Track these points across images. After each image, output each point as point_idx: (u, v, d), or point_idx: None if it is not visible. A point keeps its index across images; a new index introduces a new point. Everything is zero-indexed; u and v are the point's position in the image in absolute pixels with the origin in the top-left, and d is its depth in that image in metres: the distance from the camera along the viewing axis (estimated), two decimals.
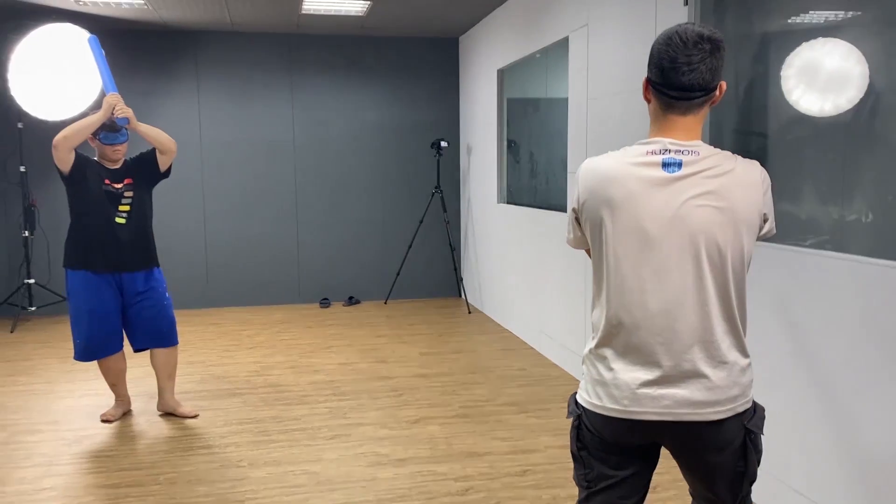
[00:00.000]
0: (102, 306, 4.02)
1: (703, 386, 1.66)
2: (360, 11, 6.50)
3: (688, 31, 1.63)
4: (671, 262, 1.65)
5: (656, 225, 1.65)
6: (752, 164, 1.71)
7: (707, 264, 1.65)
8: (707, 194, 1.64)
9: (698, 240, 1.64)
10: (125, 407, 4.32)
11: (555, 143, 5.67)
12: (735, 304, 1.69)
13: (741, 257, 1.68)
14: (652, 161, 1.67)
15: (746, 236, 1.67)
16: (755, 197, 1.68)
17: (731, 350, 1.69)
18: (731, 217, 1.65)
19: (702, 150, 1.67)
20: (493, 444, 3.81)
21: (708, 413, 1.67)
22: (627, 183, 1.67)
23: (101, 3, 6.05)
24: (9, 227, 7.05)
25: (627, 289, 1.68)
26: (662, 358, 1.67)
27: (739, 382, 1.70)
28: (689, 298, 1.65)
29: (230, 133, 7.45)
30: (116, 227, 3.99)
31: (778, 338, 2.99)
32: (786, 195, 3.20)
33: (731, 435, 1.71)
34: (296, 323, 6.82)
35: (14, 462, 3.62)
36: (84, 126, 3.89)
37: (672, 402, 1.67)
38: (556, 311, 5.35)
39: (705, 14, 3.56)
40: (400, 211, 7.89)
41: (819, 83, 3.02)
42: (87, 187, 3.96)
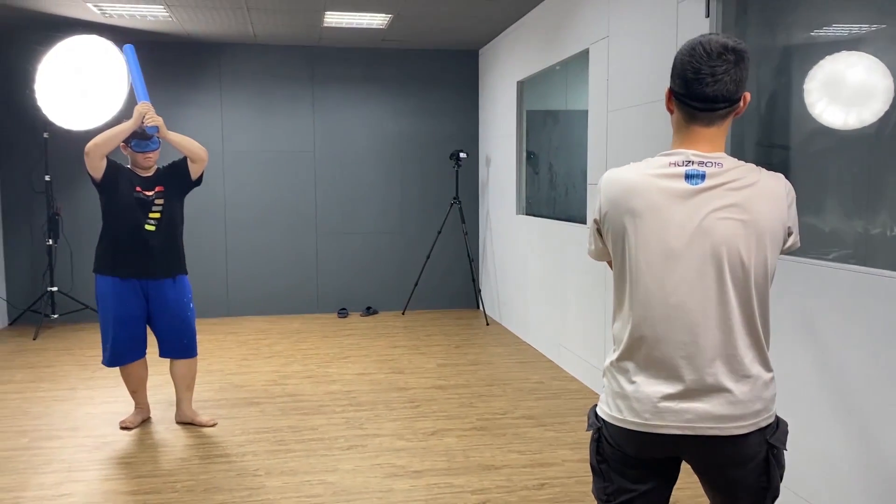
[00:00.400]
0: (127, 313, 4.05)
1: (725, 400, 1.64)
2: (381, 24, 6.55)
3: (712, 42, 1.62)
4: (694, 274, 1.63)
5: (679, 237, 1.63)
6: (777, 177, 1.69)
7: (730, 277, 1.63)
8: (730, 207, 1.62)
9: (721, 253, 1.62)
10: (144, 415, 4.34)
11: (574, 154, 5.65)
12: (758, 318, 1.66)
13: (765, 271, 1.65)
14: (675, 173, 1.65)
15: (770, 250, 1.65)
16: (779, 210, 1.66)
17: (754, 364, 1.66)
18: (754, 230, 1.63)
19: (725, 162, 1.66)
20: (511, 457, 3.78)
21: (730, 427, 1.65)
22: (650, 194, 1.65)
23: (127, 15, 6.14)
24: (33, 236, 7.14)
25: (649, 302, 1.66)
26: (685, 371, 1.65)
27: (762, 397, 1.67)
28: (711, 312, 1.63)
29: (252, 143, 7.51)
30: (146, 234, 4.02)
31: (801, 352, 2.95)
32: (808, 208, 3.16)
33: (754, 450, 1.69)
34: (314, 332, 6.84)
35: (34, 467, 3.65)
36: (115, 134, 3.94)
37: (694, 417, 1.65)
38: (574, 323, 5.32)
39: (727, 25, 3.54)
40: (418, 222, 7.90)
41: (843, 96, 2.99)
42: (119, 194, 4.01)
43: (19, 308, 7.10)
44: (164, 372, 4.93)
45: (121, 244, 4.03)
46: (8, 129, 7.05)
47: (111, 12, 6.05)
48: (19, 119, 6.94)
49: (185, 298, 4.18)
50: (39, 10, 5.98)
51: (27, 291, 7.18)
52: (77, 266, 7.17)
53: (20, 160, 7.05)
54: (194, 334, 4.24)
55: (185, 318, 4.17)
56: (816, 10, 3.18)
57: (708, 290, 1.63)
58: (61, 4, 5.82)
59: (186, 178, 4.17)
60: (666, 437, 1.68)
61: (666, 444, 1.70)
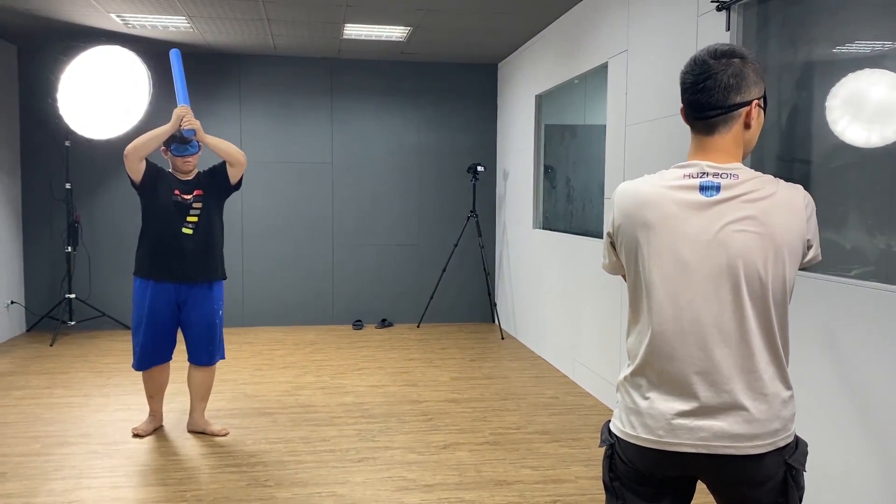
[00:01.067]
0: (159, 316, 4.08)
1: (742, 419, 1.59)
2: (401, 37, 6.57)
3: (704, 51, 1.65)
4: (709, 288, 1.59)
5: (694, 250, 1.59)
6: (795, 189, 1.65)
7: (746, 292, 1.58)
8: (747, 219, 1.58)
9: (737, 266, 1.58)
10: (157, 423, 4.33)
11: (592, 169, 5.62)
12: (777, 334, 1.61)
13: (783, 285, 1.61)
14: (689, 184, 1.62)
15: (789, 263, 1.61)
16: (797, 222, 1.61)
17: (772, 381, 1.61)
18: (771, 243, 1.58)
19: (741, 173, 1.62)
20: (523, 472, 3.73)
21: (747, 447, 1.59)
22: (664, 206, 1.62)
23: (149, 25, 6.21)
24: (53, 243, 7.20)
25: (663, 316, 1.62)
26: (700, 388, 1.60)
27: (781, 416, 1.62)
28: (728, 327, 1.59)
29: (271, 154, 7.55)
30: (183, 237, 4.05)
31: (822, 369, 2.89)
32: (830, 224, 3.11)
33: (772, 470, 1.63)
34: (328, 344, 6.83)
35: (45, 474, 3.65)
36: (153, 137, 3.98)
37: (709, 435, 1.60)
38: (590, 338, 5.27)
39: (748, 39, 3.51)
40: (435, 234, 7.89)
41: (866, 114, 2.95)
42: (158, 197, 4.06)
43: (37, 314, 7.15)
44: (179, 380, 4.94)
45: (158, 247, 4.07)
46: (31, 137, 7.14)
47: (134, 23, 6.12)
48: (42, 128, 7.03)
49: (216, 305, 4.19)
50: (63, 19, 6.06)
51: (45, 298, 7.24)
52: (95, 274, 7.22)
53: (42, 168, 7.13)
54: (220, 342, 4.25)
55: (213, 324, 4.18)
56: (839, 25, 3.14)
57: (724, 304, 1.59)
58: (85, 14, 5.90)
59: (225, 182, 4.19)
60: (680, 455, 1.63)
61: (680, 463, 1.65)
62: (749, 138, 1.69)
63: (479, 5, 5.57)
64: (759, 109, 1.67)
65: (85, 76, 6.22)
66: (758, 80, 1.65)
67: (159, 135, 3.99)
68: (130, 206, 7.25)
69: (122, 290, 7.23)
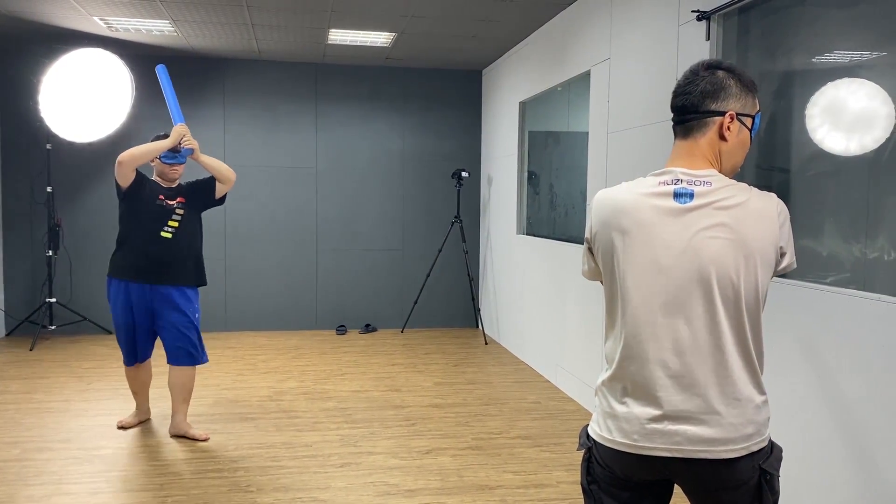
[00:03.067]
0: (132, 316, 4.18)
1: (716, 423, 1.61)
2: (386, 43, 6.59)
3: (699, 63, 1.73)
4: (683, 294, 1.62)
5: (668, 257, 1.62)
6: (768, 196, 1.68)
7: (719, 298, 1.61)
8: (719, 226, 1.61)
9: (710, 273, 1.60)
10: (143, 416, 4.47)
11: (575, 175, 5.66)
12: (751, 340, 1.64)
13: (755, 291, 1.63)
14: (664, 191, 1.65)
15: (761, 270, 1.63)
16: (770, 229, 1.64)
17: (746, 386, 1.64)
18: (743, 250, 1.61)
19: (715, 180, 1.66)
20: (505, 477, 3.75)
21: (720, 451, 1.62)
22: (639, 213, 1.65)
23: (133, 29, 6.19)
24: (34, 246, 7.14)
25: (639, 321, 1.65)
26: (674, 393, 1.62)
27: (754, 420, 1.64)
28: (701, 332, 1.61)
29: (255, 159, 7.53)
30: (160, 240, 4.14)
31: (797, 376, 2.93)
32: (808, 232, 3.16)
33: (745, 475, 1.65)
34: (311, 349, 6.81)
35: (24, 479, 3.62)
36: (151, 149, 4.12)
37: (683, 439, 1.62)
38: (572, 344, 5.30)
39: (727, 48, 3.56)
40: (419, 240, 7.90)
41: (844, 123, 3.00)
42: (142, 202, 4.14)
43: (17, 318, 7.08)
44: (160, 385, 4.91)
45: (135, 249, 4.15)
46: (11, 139, 7.08)
47: (117, 26, 6.09)
48: (23, 130, 6.98)
49: (190, 308, 4.23)
50: (46, 22, 6.02)
51: (25, 302, 7.17)
52: (76, 278, 7.17)
53: (22, 171, 7.07)
54: (194, 344, 4.24)
55: (187, 326, 4.20)
56: (817, 36, 3.19)
57: (697, 309, 1.61)
58: (68, 17, 5.87)
59: (210, 196, 4.34)
60: (655, 459, 1.65)
61: (655, 467, 1.67)
62: (727, 151, 1.70)
63: (463, 12, 5.60)
64: (738, 125, 1.69)
65: (67, 79, 6.19)
66: (741, 95, 1.69)
67: (157, 149, 4.12)
68: (112, 210, 7.18)
69: (103, 295, 7.12)
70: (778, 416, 2.97)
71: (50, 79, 6.31)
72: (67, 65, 6.18)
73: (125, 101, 6.51)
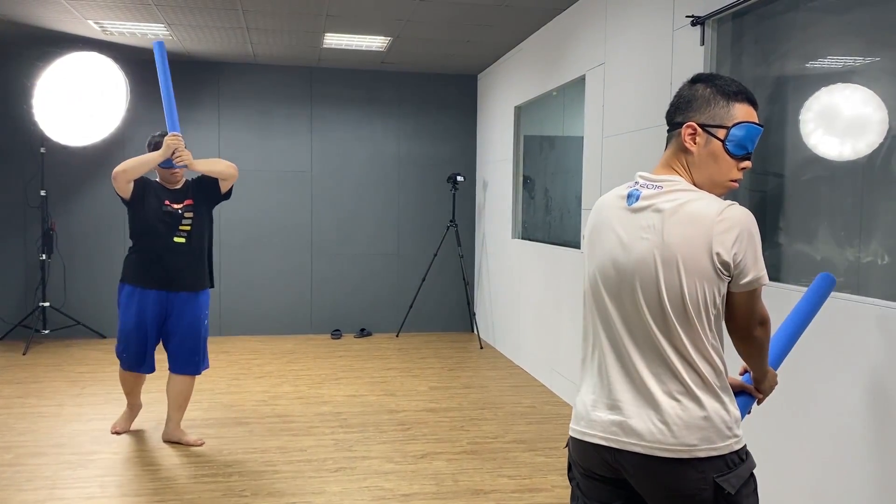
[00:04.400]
0: (145, 325, 4.09)
1: (651, 418, 1.62)
2: (381, 47, 6.59)
3: None
4: (624, 291, 1.68)
5: (613, 254, 1.70)
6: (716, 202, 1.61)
7: (643, 299, 1.65)
8: (648, 228, 1.65)
9: (636, 273, 1.66)
10: (135, 414, 4.42)
11: (570, 179, 5.67)
12: (688, 345, 1.60)
13: (680, 297, 1.59)
14: (623, 193, 1.75)
15: (686, 276, 1.58)
16: (700, 234, 1.58)
17: (688, 390, 1.60)
18: (663, 253, 1.61)
19: (667, 185, 1.67)
20: (500, 481, 3.75)
21: (654, 448, 1.61)
22: (602, 213, 1.77)
23: (128, 33, 6.18)
24: (27, 250, 7.12)
25: (591, 315, 1.77)
26: (616, 383, 1.68)
27: (698, 426, 1.59)
28: (637, 328, 1.66)
29: (250, 162, 7.52)
30: (175, 246, 4.06)
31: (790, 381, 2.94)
32: (801, 236, 3.17)
33: (692, 485, 1.59)
34: (306, 353, 6.80)
35: (17, 484, 3.60)
36: (142, 163, 3.99)
37: (619, 430, 1.66)
38: (567, 348, 5.30)
39: (722, 53, 3.57)
40: (414, 244, 7.90)
41: (838, 128, 3.01)
42: (148, 209, 4.06)
43: (10, 323, 7.05)
44: (156, 390, 4.90)
45: (150, 256, 4.07)
46: (5, 143, 7.06)
47: (112, 30, 6.09)
48: (16, 134, 6.95)
49: (202, 314, 4.19)
50: (40, 25, 6.01)
51: (19, 306, 7.14)
52: (70, 282, 7.14)
53: (16, 174, 7.04)
54: (205, 351, 4.25)
55: (198, 333, 4.18)
56: (811, 41, 3.21)
57: (631, 308, 1.67)
58: (62, 21, 5.86)
59: (216, 192, 4.22)
60: (599, 448, 1.70)
61: (605, 459, 1.71)
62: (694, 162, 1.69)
63: (458, 17, 5.61)
64: (705, 136, 1.67)
65: (61, 83, 6.18)
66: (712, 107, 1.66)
67: (149, 162, 4.00)
68: (106, 214, 7.20)
69: (98, 299, 7.16)
70: (770, 421, 2.97)
71: (44, 82, 6.30)
72: (62, 68, 6.17)
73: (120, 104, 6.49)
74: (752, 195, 3.47)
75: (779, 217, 3.31)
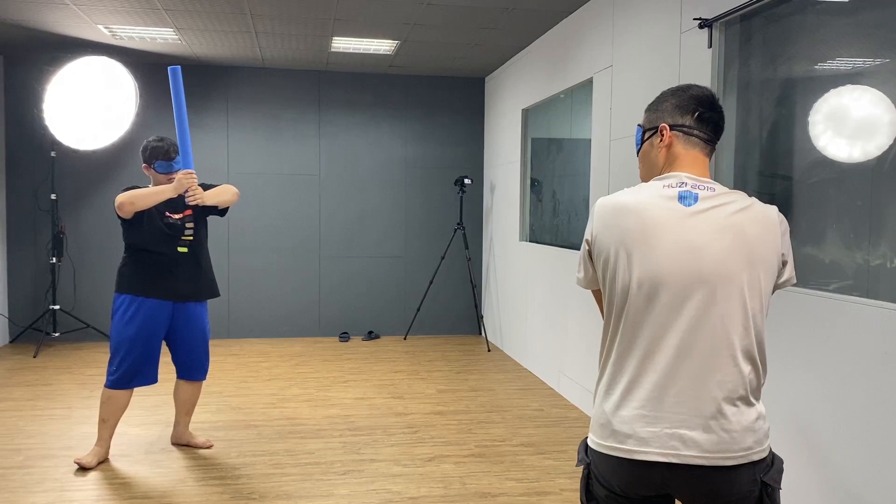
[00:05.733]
0: (151, 335, 3.92)
1: (714, 429, 1.59)
2: (389, 50, 6.61)
3: None
4: (685, 296, 1.61)
5: (671, 259, 1.62)
6: (770, 206, 1.71)
7: (723, 302, 1.60)
8: (724, 229, 1.62)
9: (713, 275, 1.60)
10: (102, 456, 3.96)
11: (577, 182, 5.67)
12: (755, 346, 1.63)
13: (759, 297, 1.63)
14: (669, 195, 1.68)
15: (764, 276, 1.63)
16: (773, 236, 1.65)
17: (747, 393, 1.62)
18: (748, 255, 1.62)
19: (717, 186, 1.70)
20: (508, 484, 3.74)
21: (718, 458, 1.59)
22: (643, 215, 1.66)
23: (137, 37, 6.22)
24: (38, 253, 7.16)
25: (639, 325, 1.64)
26: (672, 396, 1.60)
27: (754, 428, 1.62)
28: (703, 335, 1.60)
29: (258, 166, 7.55)
30: (179, 256, 3.96)
31: (800, 384, 2.92)
32: (810, 239, 3.15)
33: (745, 487, 1.61)
34: (314, 356, 6.81)
35: (27, 487, 3.62)
36: (152, 197, 3.79)
37: (679, 444, 1.59)
38: (575, 351, 5.29)
39: (730, 56, 3.57)
40: (422, 247, 7.90)
41: (847, 130, 3.00)
42: (148, 223, 3.91)
43: (21, 325, 7.10)
44: (164, 393, 4.92)
45: (154, 267, 3.92)
46: (16, 147, 7.11)
47: (121, 34, 6.12)
48: (27, 138, 7.01)
49: (206, 320, 4.15)
50: (50, 30, 6.05)
51: (29, 309, 7.18)
52: (80, 285, 7.18)
53: (27, 178, 7.09)
54: (207, 357, 4.20)
55: (206, 340, 4.14)
56: (820, 43, 3.19)
57: (699, 313, 1.60)
58: (72, 25, 5.90)
59: (214, 208, 4.07)
60: (651, 466, 1.62)
61: (652, 477, 1.64)
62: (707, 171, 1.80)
63: (466, 20, 5.62)
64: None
65: (71, 87, 6.22)
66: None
67: (159, 196, 3.80)
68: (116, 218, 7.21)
69: (108, 302, 7.16)
70: (780, 423, 2.96)
71: (54, 87, 6.34)
72: (72, 73, 6.21)
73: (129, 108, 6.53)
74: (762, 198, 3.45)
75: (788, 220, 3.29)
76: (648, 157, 1.81)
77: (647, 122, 1.82)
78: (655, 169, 1.78)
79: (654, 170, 1.79)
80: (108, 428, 3.98)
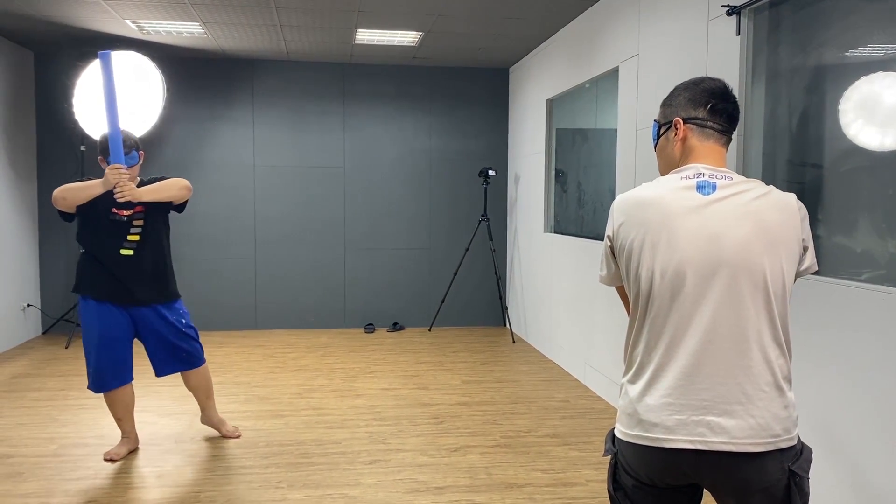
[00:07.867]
0: (110, 334, 3.77)
1: (741, 414, 1.60)
2: (412, 42, 6.60)
3: None
4: (708, 284, 1.62)
5: (693, 247, 1.63)
6: (788, 193, 1.71)
7: (746, 287, 1.61)
8: (744, 216, 1.63)
9: (736, 261, 1.61)
10: (132, 445, 4.01)
11: (603, 173, 5.63)
12: (780, 330, 1.63)
13: (781, 282, 1.63)
14: (687, 185, 1.70)
15: (786, 262, 1.64)
16: (792, 221, 1.66)
17: (775, 378, 1.62)
18: (768, 239, 1.62)
19: (734, 175, 1.71)
20: (534, 475, 3.75)
21: (745, 444, 1.59)
22: (663, 206, 1.68)
23: (164, 31, 6.28)
24: (69, 246, 7.27)
25: (664, 314, 1.65)
26: (698, 382, 1.61)
27: (782, 416, 1.62)
28: (727, 321, 1.61)
29: (283, 158, 7.60)
30: (121, 259, 3.72)
31: (829, 373, 2.89)
32: (841, 228, 3.11)
33: (773, 475, 1.61)
34: (340, 347, 6.86)
35: (61, 474, 3.70)
36: (84, 191, 3.63)
37: (706, 430, 1.60)
38: (601, 342, 5.27)
39: (758, 44, 3.52)
40: (446, 238, 7.91)
41: (879, 117, 2.95)
42: (94, 216, 3.70)
43: (53, 317, 7.23)
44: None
45: (99, 268, 3.75)
46: (47, 141, 7.22)
47: (149, 29, 6.18)
48: (58, 132, 7.12)
49: (180, 322, 3.94)
50: (79, 25, 6.13)
51: (61, 301, 7.31)
52: None
53: (58, 172, 7.20)
54: (195, 345, 4.03)
55: (178, 337, 3.93)
56: (851, 29, 3.14)
57: (723, 299, 1.61)
58: (101, 21, 5.97)
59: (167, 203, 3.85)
60: (678, 454, 1.62)
61: (679, 466, 1.65)
62: None
63: (490, 10, 5.60)
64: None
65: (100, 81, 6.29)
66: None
67: (89, 190, 3.63)
68: None
69: None
70: (808, 413, 2.93)
71: (83, 82, 6.43)
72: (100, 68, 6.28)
73: (157, 102, 6.61)
74: (791, 187, 3.41)
75: (818, 209, 3.24)
76: (665, 151, 1.84)
77: (662, 117, 1.86)
78: (672, 162, 1.81)
79: (671, 163, 1.81)
80: (126, 423, 4.00)
